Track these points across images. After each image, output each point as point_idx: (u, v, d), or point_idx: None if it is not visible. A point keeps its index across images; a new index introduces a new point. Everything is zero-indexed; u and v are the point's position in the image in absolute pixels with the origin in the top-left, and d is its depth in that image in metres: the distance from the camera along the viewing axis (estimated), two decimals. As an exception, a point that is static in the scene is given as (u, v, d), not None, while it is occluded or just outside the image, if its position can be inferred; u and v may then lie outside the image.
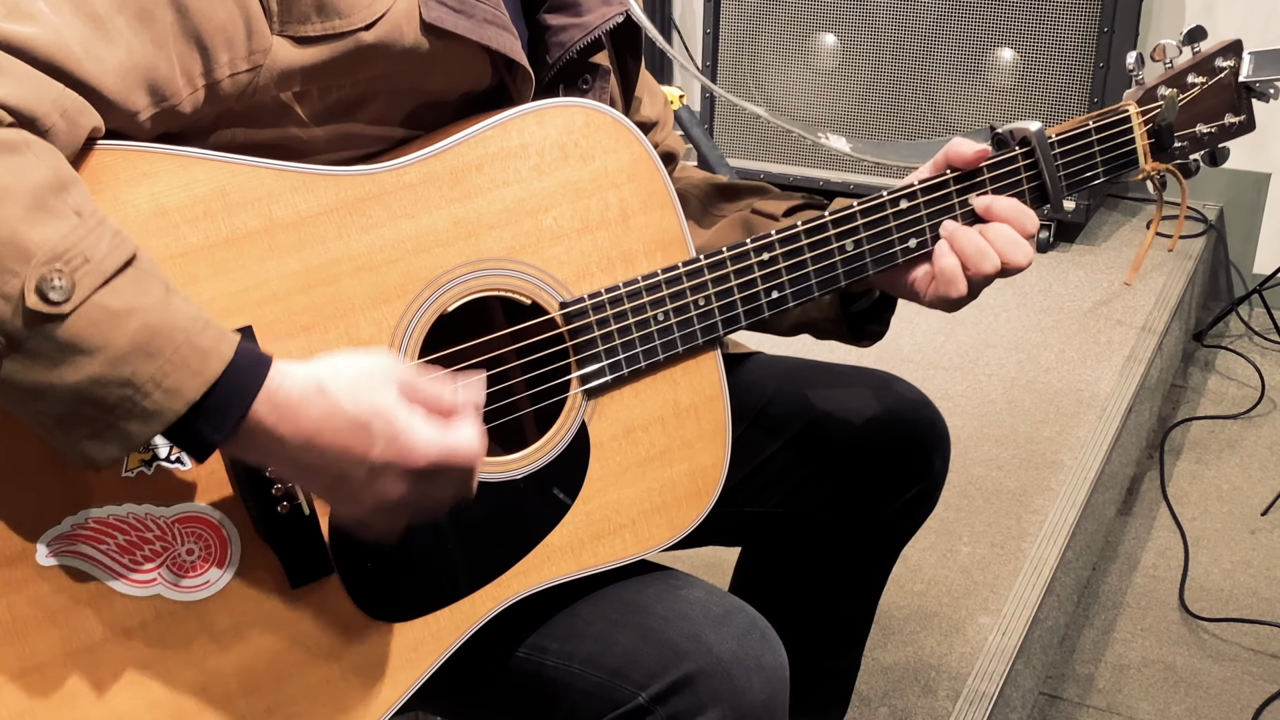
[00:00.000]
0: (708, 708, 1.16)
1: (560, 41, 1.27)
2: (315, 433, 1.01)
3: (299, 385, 1.01)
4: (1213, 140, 1.44)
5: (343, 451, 1.02)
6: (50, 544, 1.03)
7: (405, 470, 1.03)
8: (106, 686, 1.06)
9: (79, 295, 0.93)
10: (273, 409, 1.00)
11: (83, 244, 0.94)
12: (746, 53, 3.55)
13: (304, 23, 1.10)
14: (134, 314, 0.95)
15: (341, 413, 1.01)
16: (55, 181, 0.94)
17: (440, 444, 1.04)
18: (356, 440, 1.01)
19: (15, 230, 0.92)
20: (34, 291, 0.92)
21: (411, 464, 1.03)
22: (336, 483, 1.04)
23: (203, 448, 1.00)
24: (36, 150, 0.94)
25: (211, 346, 0.98)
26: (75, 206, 0.95)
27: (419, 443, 1.03)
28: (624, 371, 1.23)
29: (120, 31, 1.01)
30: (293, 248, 1.09)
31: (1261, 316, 3.49)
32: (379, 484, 1.04)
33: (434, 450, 1.03)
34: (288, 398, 1.00)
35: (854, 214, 1.29)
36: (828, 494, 1.51)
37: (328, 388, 1.01)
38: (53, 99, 0.97)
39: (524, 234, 1.18)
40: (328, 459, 1.02)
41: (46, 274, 0.92)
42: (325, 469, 1.02)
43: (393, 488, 1.04)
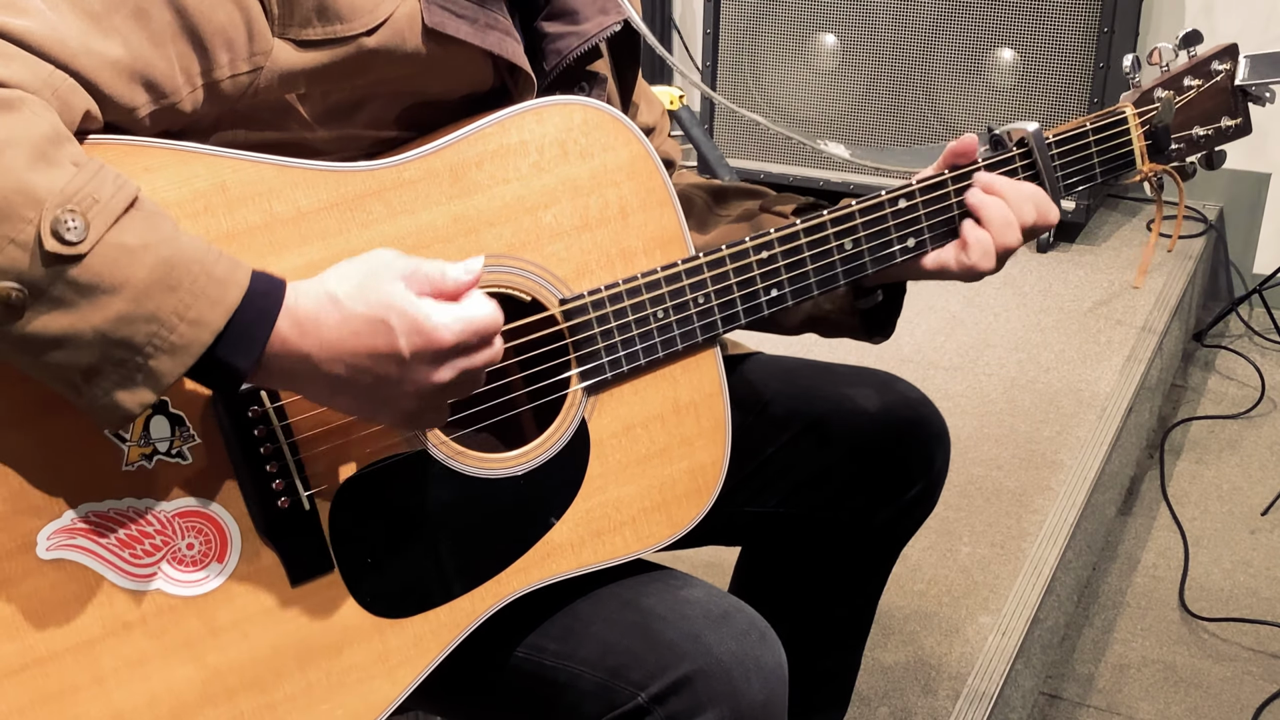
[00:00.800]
0: (707, 708, 1.16)
1: (558, 49, 1.27)
2: (338, 339, 1.02)
3: (312, 299, 1.02)
4: (1209, 143, 1.44)
5: (370, 352, 1.02)
6: (50, 538, 1.04)
7: (436, 352, 1.04)
8: (106, 681, 1.06)
9: (94, 234, 0.94)
10: (294, 325, 1.01)
11: (88, 186, 0.95)
12: (746, 53, 3.55)
13: (305, 26, 1.10)
14: (149, 249, 0.96)
15: (357, 315, 1.02)
16: (54, 134, 0.95)
17: (460, 318, 1.04)
18: (379, 337, 1.02)
19: (21, 179, 0.92)
20: (50, 234, 0.92)
21: (439, 344, 1.03)
22: (375, 387, 1.04)
23: (232, 378, 1.01)
24: (32, 106, 0.95)
25: (228, 274, 0.99)
26: (72, 158, 0.96)
27: (439, 324, 1.03)
28: (624, 369, 1.23)
29: (117, 29, 1.02)
30: (293, 243, 1.09)
31: (1261, 316, 3.49)
32: (416, 374, 1.04)
33: (457, 325, 1.04)
34: (305, 312, 1.02)
35: (853, 213, 1.30)
36: (828, 494, 1.51)
37: (338, 294, 1.03)
38: (44, 78, 0.97)
39: (524, 231, 1.19)
40: (358, 364, 1.03)
41: (60, 216, 0.93)
42: (358, 377, 1.03)
43: (430, 374, 1.04)
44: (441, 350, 1.04)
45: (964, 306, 3.20)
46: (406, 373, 1.04)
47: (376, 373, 1.03)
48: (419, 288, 1.04)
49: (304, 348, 1.02)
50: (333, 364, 1.02)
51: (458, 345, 1.04)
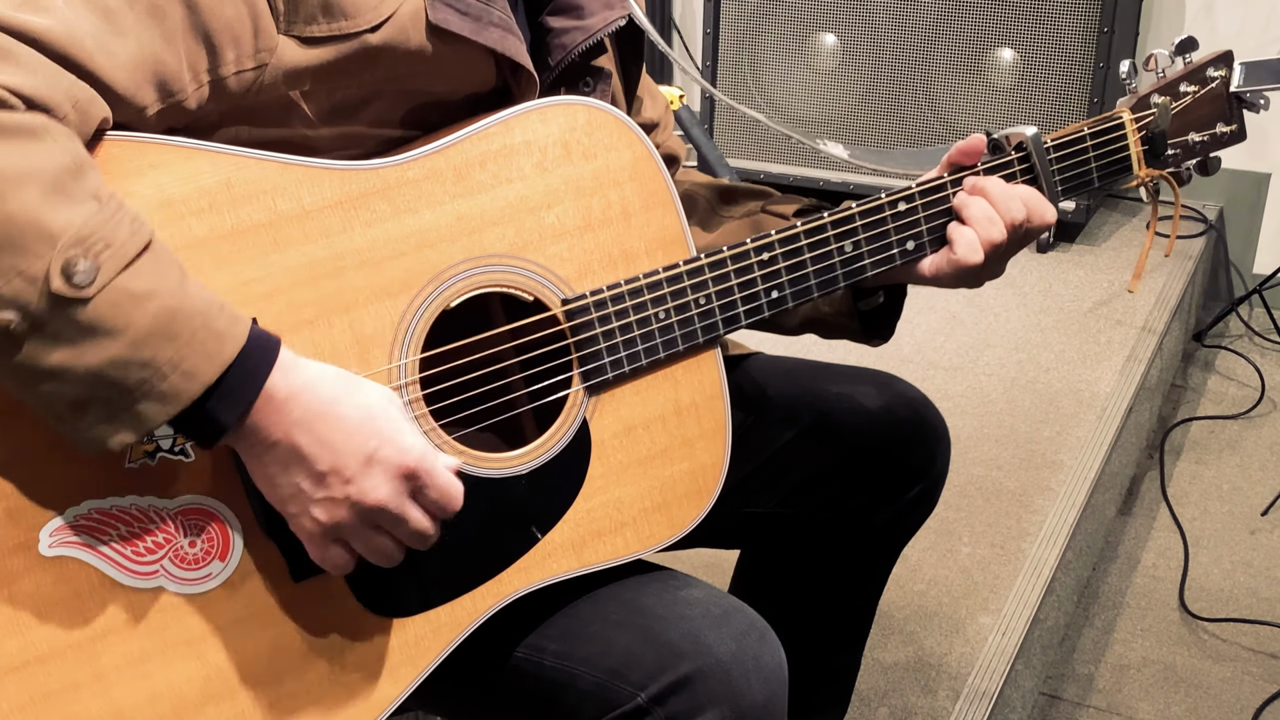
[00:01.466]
0: (706, 708, 1.16)
1: (562, 44, 1.27)
2: (327, 408, 1.03)
3: (314, 366, 1.05)
4: (1204, 149, 1.45)
5: (347, 434, 1.04)
6: (53, 535, 1.04)
7: (397, 468, 1.06)
8: (107, 678, 1.06)
9: (102, 278, 0.94)
10: (286, 384, 1.02)
11: (104, 228, 0.95)
12: (746, 53, 3.55)
13: (310, 23, 1.10)
14: (154, 297, 0.96)
15: (354, 397, 1.05)
16: (74, 166, 0.96)
17: (431, 454, 1.08)
18: (362, 426, 1.04)
19: (39, 213, 0.93)
20: (59, 275, 0.93)
21: (404, 463, 1.06)
22: (323, 476, 1.05)
23: (212, 432, 1.01)
24: (54, 135, 0.96)
25: (226, 329, 0.99)
26: (93, 191, 0.96)
27: (415, 444, 1.07)
28: (625, 369, 1.23)
29: (131, 26, 1.02)
30: (297, 241, 1.09)
31: (1261, 316, 3.50)
32: (367, 479, 1.05)
33: (427, 456, 1.07)
34: (303, 375, 1.03)
35: (853, 215, 1.30)
36: (828, 494, 1.51)
37: (342, 374, 1.06)
38: (65, 89, 0.97)
39: (526, 231, 1.19)
40: (328, 441, 1.04)
41: (71, 257, 0.93)
42: (319, 456, 1.04)
43: (379, 487, 1.06)
44: (404, 469, 1.06)
45: (964, 306, 3.20)
46: (361, 474, 1.05)
47: (337, 461, 1.04)
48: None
49: (286, 407, 1.03)
50: (302, 433, 1.03)
51: (418, 480, 1.07)
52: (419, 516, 1.09)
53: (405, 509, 1.08)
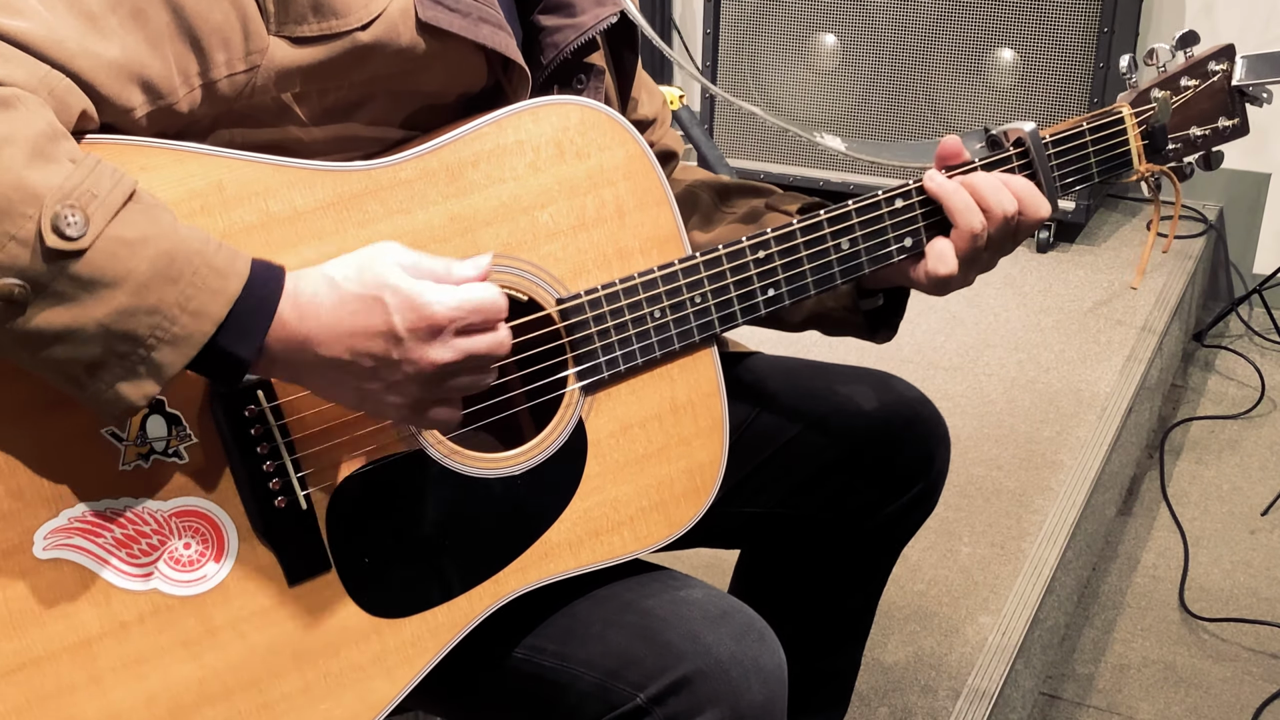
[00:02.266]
0: (706, 708, 1.16)
1: (554, 42, 1.27)
2: (335, 321, 1.03)
3: (310, 283, 1.04)
4: (1206, 143, 1.44)
5: (367, 331, 1.03)
6: (47, 537, 1.04)
7: (430, 327, 1.04)
8: (103, 681, 1.06)
9: (94, 229, 0.94)
10: (294, 310, 1.02)
11: (86, 182, 0.95)
12: (746, 53, 3.55)
13: (300, 23, 1.10)
14: (149, 241, 0.96)
15: (353, 295, 1.03)
16: (51, 131, 0.96)
17: (457, 294, 1.05)
18: (375, 315, 1.03)
19: (21, 175, 0.93)
20: (51, 230, 0.93)
21: (435, 320, 1.04)
22: (375, 371, 1.04)
23: (234, 368, 1.01)
24: (29, 104, 0.96)
25: (227, 264, 0.99)
26: (69, 155, 0.96)
27: (435, 300, 1.04)
28: (621, 368, 1.23)
29: (114, 30, 1.02)
30: (290, 243, 1.09)
31: (1261, 316, 3.49)
32: (413, 352, 1.04)
33: (453, 301, 1.04)
34: (305, 297, 1.03)
35: (849, 213, 1.29)
36: (827, 494, 1.50)
37: (335, 277, 1.04)
38: (40, 78, 0.98)
39: (520, 231, 1.19)
40: (357, 345, 1.03)
41: (60, 211, 0.93)
42: (359, 359, 1.04)
43: (427, 352, 1.05)
44: (436, 325, 1.04)
45: (964, 306, 3.20)
46: (404, 351, 1.04)
47: (374, 353, 1.04)
48: (419, 275, 1.05)
49: (303, 331, 1.02)
50: (332, 346, 1.03)
51: (454, 321, 1.04)
52: (481, 342, 1.07)
53: (463, 349, 1.06)
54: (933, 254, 1.31)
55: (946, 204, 1.30)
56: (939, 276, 1.32)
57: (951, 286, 1.34)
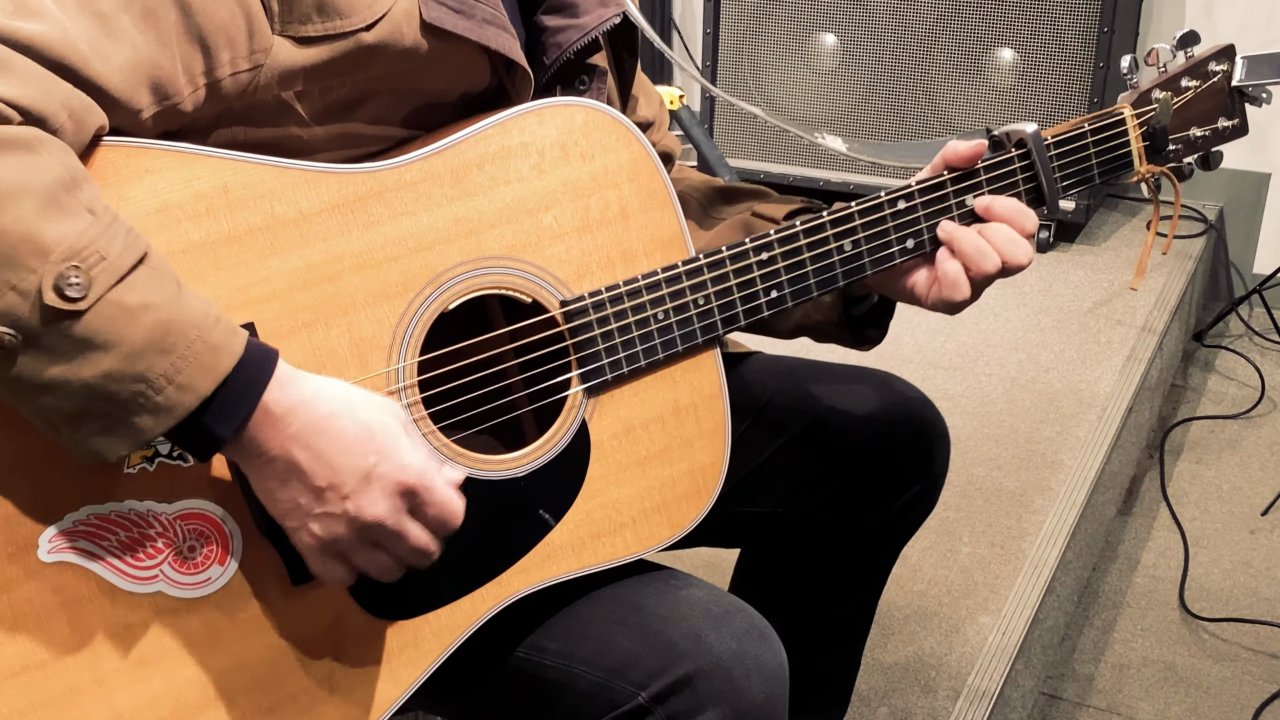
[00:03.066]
0: (707, 707, 1.16)
1: (557, 43, 1.27)
2: (326, 422, 1.03)
3: (313, 380, 1.04)
4: (1206, 143, 1.45)
5: (345, 450, 1.03)
6: (52, 540, 1.04)
7: (395, 485, 1.06)
8: (107, 683, 1.06)
9: (95, 292, 0.94)
10: (284, 398, 1.02)
11: (98, 241, 0.95)
12: (746, 53, 3.55)
13: (305, 23, 1.10)
14: (149, 310, 0.96)
15: (353, 411, 1.04)
16: (68, 179, 0.95)
17: (431, 470, 1.07)
18: (360, 442, 1.04)
19: (31, 227, 0.92)
20: (51, 289, 0.93)
21: (403, 479, 1.05)
22: (323, 492, 1.04)
23: (209, 444, 1.01)
24: (49, 148, 0.95)
25: (222, 342, 0.99)
26: (88, 204, 0.96)
27: (414, 461, 1.06)
28: (624, 370, 1.23)
29: (126, 30, 1.02)
30: (294, 245, 1.09)
31: (1261, 316, 3.50)
32: (365, 495, 1.05)
33: (427, 472, 1.07)
34: (301, 390, 1.03)
35: (852, 214, 1.30)
36: (828, 494, 1.51)
37: (342, 388, 1.05)
38: (60, 99, 0.97)
39: (524, 232, 1.19)
40: (326, 457, 1.03)
41: (64, 271, 0.93)
42: (313, 471, 1.04)
43: (376, 504, 1.05)
44: (405, 486, 1.06)
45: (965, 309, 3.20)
46: (359, 490, 1.05)
47: (334, 478, 1.04)
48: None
49: (285, 424, 1.02)
50: (302, 449, 1.03)
51: (418, 496, 1.07)
52: (418, 533, 1.09)
53: (404, 526, 1.07)
54: (946, 281, 1.32)
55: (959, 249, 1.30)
56: (954, 302, 1.32)
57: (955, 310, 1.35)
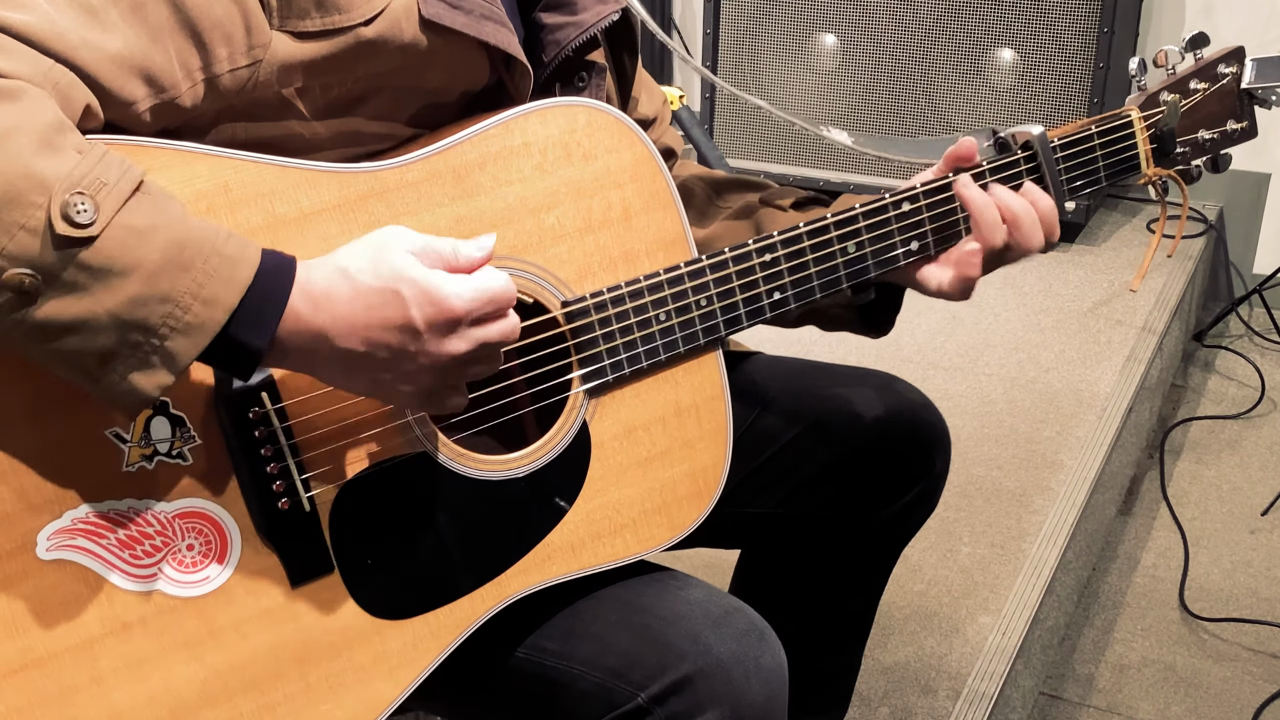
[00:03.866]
0: (707, 708, 1.16)
1: (556, 40, 1.27)
2: (351, 313, 1.02)
3: (324, 274, 1.03)
4: (1215, 146, 1.44)
5: (384, 324, 1.03)
6: (50, 538, 1.03)
7: (449, 320, 1.04)
8: (105, 681, 1.06)
9: (104, 216, 0.94)
10: (307, 301, 1.02)
11: (95, 170, 0.95)
12: (746, 53, 3.55)
13: (303, 18, 1.10)
14: (159, 230, 0.96)
15: (370, 288, 1.03)
16: (57, 122, 0.96)
17: (473, 286, 1.05)
18: (392, 308, 1.03)
19: (29, 164, 0.93)
20: (61, 218, 0.92)
21: (453, 313, 1.04)
22: (390, 362, 1.04)
23: (247, 358, 1.01)
24: (34, 96, 0.96)
25: (238, 253, 0.99)
26: (75, 145, 0.96)
27: (451, 292, 1.04)
28: (625, 371, 1.23)
29: (115, 23, 1.02)
30: (295, 244, 1.09)
31: (1261, 316, 3.49)
32: (430, 345, 1.05)
33: (469, 293, 1.05)
34: (318, 288, 1.02)
35: (856, 215, 1.29)
36: (828, 495, 1.50)
37: (349, 269, 1.03)
38: (44, 72, 0.98)
39: (526, 233, 1.18)
40: (372, 338, 1.03)
41: (69, 199, 0.93)
42: (373, 351, 1.04)
43: (445, 344, 1.05)
44: (454, 318, 1.04)
45: (964, 306, 3.20)
46: (421, 344, 1.04)
47: (391, 345, 1.04)
48: (430, 263, 1.05)
49: (318, 323, 1.02)
50: (347, 338, 1.03)
51: (471, 313, 1.05)
52: (494, 331, 1.07)
53: (477, 339, 1.06)
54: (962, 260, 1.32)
55: (976, 216, 1.31)
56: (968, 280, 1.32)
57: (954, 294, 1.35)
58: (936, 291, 1.35)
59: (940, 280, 1.35)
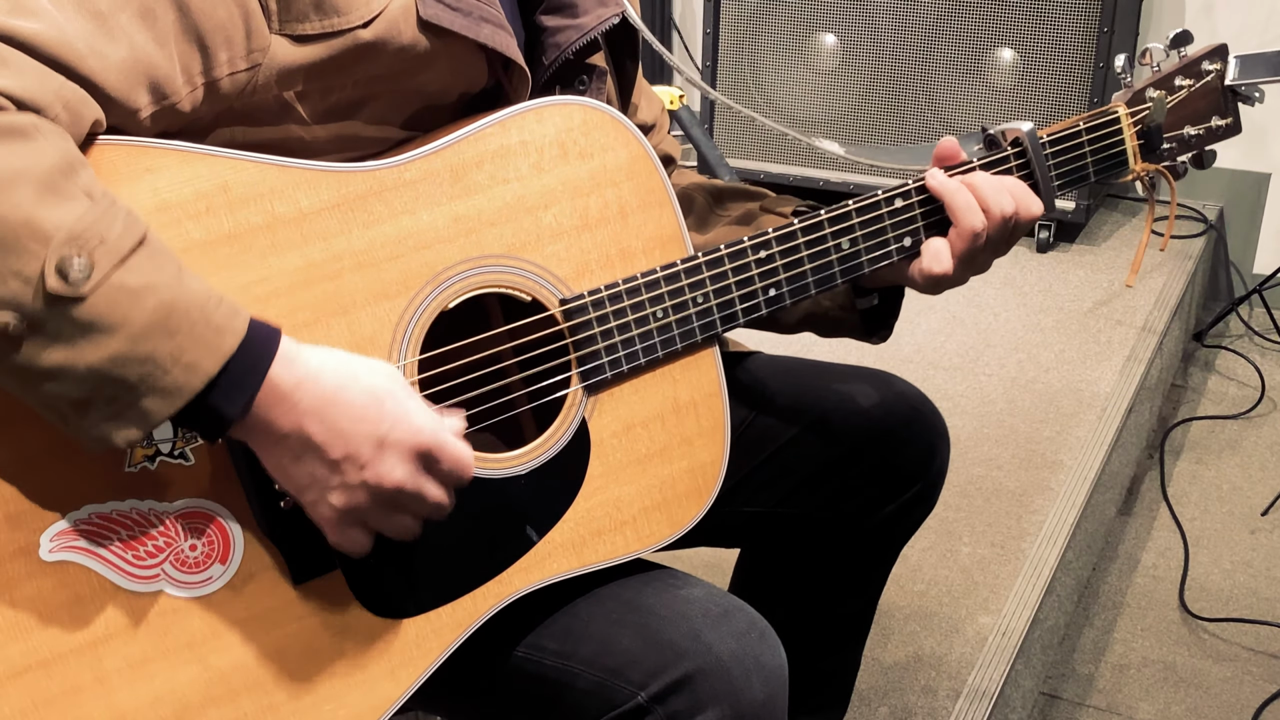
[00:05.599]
0: (707, 707, 1.16)
1: (557, 43, 1.28)
2: (330, 403, 1.03)
3: (316, 354, 1.04)
4: (1200, 142, 1.45)
5: (357, 420, 1.04)
6: (53, 539, 1.04)
7: (410, 449, 1.06)
8: (109, 682, 1.06)
9: (98, 275, 0.94)
10: (290, 374, 1.02)
11: (98, 225, 0.95)
12: (746, 53, 3.55)
13: (302, 21, 1.10)
14: (151, 291, 0.96)
15: (359, 381, 1.05)
16: (65, 164, 0.96)
17: (441, 428, 1.08)
18: (370, 410, 1.04)
19: (31, 213, 0.93)
20: (54, 273, 0.93)
21: (418, 442, 1.06)
22: (340, 464, 1.05)
23: (217, 425, 1.01)
24: (45, 134, 0.96)
25: (226, 322, 0.99)
26: (85, 189, 0.96)
27: (425, 422, 1.06)
28: (624, 368, 1.23)
29: (123, 29, 1.02)
30: (295, 244, 1.10)
31: (1261, 316, 3.50)
32: (382, 463, 1.05)
33: (438, 431, 1.07)
34: (306, 365, 1.03)
35: (850, 212, 1.30)
36: (827, 493, 1.51)
37: (343, 359, 1.05)
38: (55, 90, 0.97)
39: (524, 231, 1.19)
40: (339, 429, 1.04)
41: (66, 254, 0.93)
42: (329, 444, 1.04)
43: (394, 469, 1.06)
44: (420, 447, 1.06)
45: (964, 306, 3.20)
46: (375, 457, 1.05)
47: (349, 445, 1.04)
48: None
49: (294, 399, 1.02)
50: (314, 421, 1.03)
51: (433, 453, 1.07)
52: (435, 490, 1.09)
53: (422, 486, 1.08)
54: (928, 253, 1.32)
55: (948, 202, 1.31)
56: (934, 275, 1.32)
57: (945, 286, 1.34)
58: (925, 280, 1.35)
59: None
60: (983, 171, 1.33)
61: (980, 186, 1.31)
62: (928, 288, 1.34)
